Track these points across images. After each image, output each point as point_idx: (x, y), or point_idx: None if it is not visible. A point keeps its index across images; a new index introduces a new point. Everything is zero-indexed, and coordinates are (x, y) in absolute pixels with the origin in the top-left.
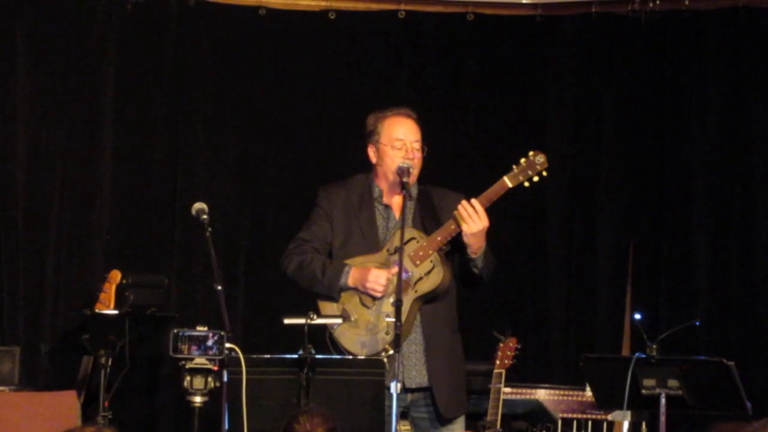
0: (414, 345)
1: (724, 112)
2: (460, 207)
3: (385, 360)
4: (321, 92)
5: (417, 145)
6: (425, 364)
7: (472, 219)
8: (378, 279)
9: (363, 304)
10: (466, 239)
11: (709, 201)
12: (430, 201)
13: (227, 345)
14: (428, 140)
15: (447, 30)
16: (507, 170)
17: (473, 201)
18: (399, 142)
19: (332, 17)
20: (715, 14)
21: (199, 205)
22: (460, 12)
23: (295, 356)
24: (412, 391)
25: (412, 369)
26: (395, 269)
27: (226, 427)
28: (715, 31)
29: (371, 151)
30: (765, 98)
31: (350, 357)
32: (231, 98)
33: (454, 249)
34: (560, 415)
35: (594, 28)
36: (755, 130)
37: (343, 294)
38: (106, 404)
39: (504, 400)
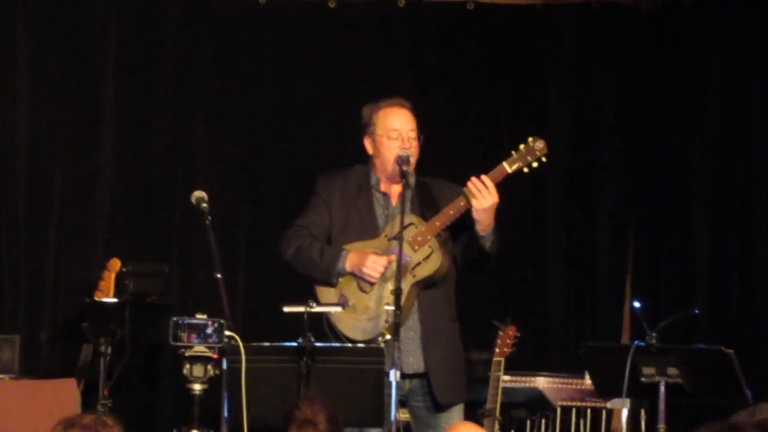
0: (411, 331)
1: (724, 102)
2: (470, 183)
3: (383, 345)
4: (321, 81)
5: (413, 134)
6: (422, 350)
7: (482, 194)
8: (375, 265)
9: (361, 290)
10: (476, 215)
11: (709, 189)
12: (429, 190)
13: (227, 333)
14: (428, 130)
15: (447, 19)
16: (506, 157)
17: (483, 177)
18: (395, 132)
19: (332, 6)
20: (716, 4)
21: (198, 194)
22: (461, 1)
23: (295, 344)
24: (410, 377)
25: (410, 355)
26: (393, 256)
27: (226, 414)
28: (717, 21)
29: (367, 143)
30: (766, 88)
31: (350, 345)
32: (231, 87)
33: (461, 231)
34: (560, 403)
35: (595, 18)
36: (756, 119)
37: (341, 279)
38: (106, 392)
39: (503, 388)
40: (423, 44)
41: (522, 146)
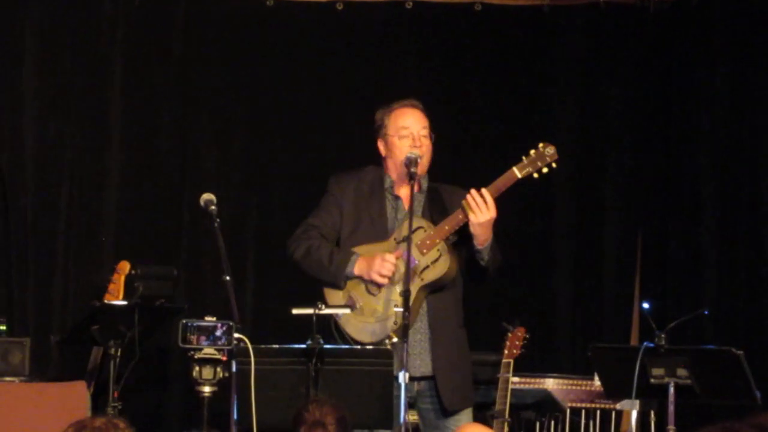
0: (419, 334)
1: (731, 102)
2: (468, 196)
3: (390, 347)
4: (328, 83)
5: (424, 132)
6: (430, 353)
7: (480, 209)
8: (383, 265)
9: (369, 292)
10: (473, 229)
11: (717, 190)
12: (440, 195)
13: (236, 335)
14: (435, 131)
15: (455, 21)
16: (515, 161)
17: (483, 190)
18: (405, 130)
19: (340, 8)
20: (723, 3)
21: (207, 196)
22: (468, 2)
23: (304, 346)
24: (417, 380)
25: (417, 358)
26: (399, 252)
27: (235, 417)
28: (724, 21)
29: (381, 145)
30: None
31: (358, 347)
32: (239, 89)
33: (461, 240)
34: (569, 404)
35: (602, 18)
36: (763, 119)
37: (348, 281)
38: (116, 395)
39: (512, 389)
40: (430, 45)
41: (532, 152)
